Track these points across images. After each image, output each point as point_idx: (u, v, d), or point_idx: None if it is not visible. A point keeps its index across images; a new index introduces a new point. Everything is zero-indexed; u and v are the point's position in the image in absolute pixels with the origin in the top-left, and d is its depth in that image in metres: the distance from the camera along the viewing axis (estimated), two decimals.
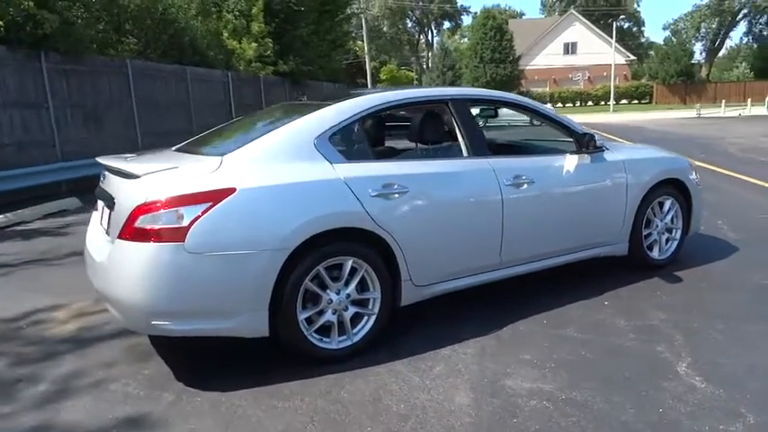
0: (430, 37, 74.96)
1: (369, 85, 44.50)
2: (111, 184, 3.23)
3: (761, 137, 16.89)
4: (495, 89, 5.74)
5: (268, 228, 2.94)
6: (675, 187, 4.62)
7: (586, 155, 4.10)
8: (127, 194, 2.98)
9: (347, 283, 3.21)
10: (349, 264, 3.18)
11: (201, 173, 2.96)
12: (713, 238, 5.50)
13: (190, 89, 14.82)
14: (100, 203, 3.55)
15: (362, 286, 3.27)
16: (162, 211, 2.81)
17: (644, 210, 4.42)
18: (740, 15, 49.43)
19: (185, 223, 2.79)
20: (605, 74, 50.12)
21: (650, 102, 45.49)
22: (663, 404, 2.71)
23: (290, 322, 3.05)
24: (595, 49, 52.05)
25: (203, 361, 3.33)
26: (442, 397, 2.84)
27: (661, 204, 4.59)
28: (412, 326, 3.63)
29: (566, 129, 4.22)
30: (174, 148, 3.78)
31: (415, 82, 70.64)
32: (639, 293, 4.14)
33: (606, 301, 4.02)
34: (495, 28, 45.79)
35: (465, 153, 3.72)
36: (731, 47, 53.18)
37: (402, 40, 73.07)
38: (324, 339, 3.20)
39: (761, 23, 51.17)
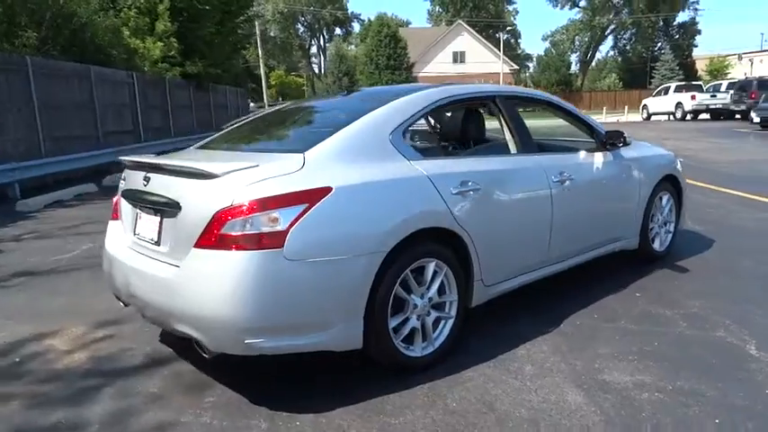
0: (322, 42, 74.88)
1: (264, 91, 43.56)
2: (168, 186, 2.81)
3: (662, 139, 18.47)
4: None
5: (365, 229, 2.70)
6: (671, 183, 4.89)
7: (609, 153, 4.23)
8: (202, 197, 2.61)
9: (429, 287, 3.04)
10: (432, 266, 3.01)
11: (286, 171, 2.65)
12: (686, 231, 5.88)
13: (95, 90, 13.63)
14: (130, 210, 3.10)
15: (440, 289, 3.11)
16: (255, 214, 2.49)
17: (650, 205, 4.62)
18: (608, 30, 54.19)
19: (283, 227, 2.49)
20: (492, 82, 52.84)
21: (533, 110, 48.35)
22: (765, 385, 2.80)
23: (382, 331, 2.83)
24: (483, 59, 54.62)
25: (268, 381, 3.00)
26: (553, 397, 2.76)
27: (660, 199, 4.82)
28: (470, 325, 3.50)
29: (590, 128, 4.32)
30: (210, 146, 3.40)
31: (305, 88, 70.36)
32: (662, 284, 4.30)
33: (637, 292, 4.14)
34: (390, 35, 46.67)
35: (515, 150, 3.68)
36: (600, 59, 58.23)
37: (293, 45, 72.36)
38: (409, 347, 3.00)
39: (624, 39, 56.49)
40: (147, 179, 2.95)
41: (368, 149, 2.93)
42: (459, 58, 55.22)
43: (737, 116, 24.32)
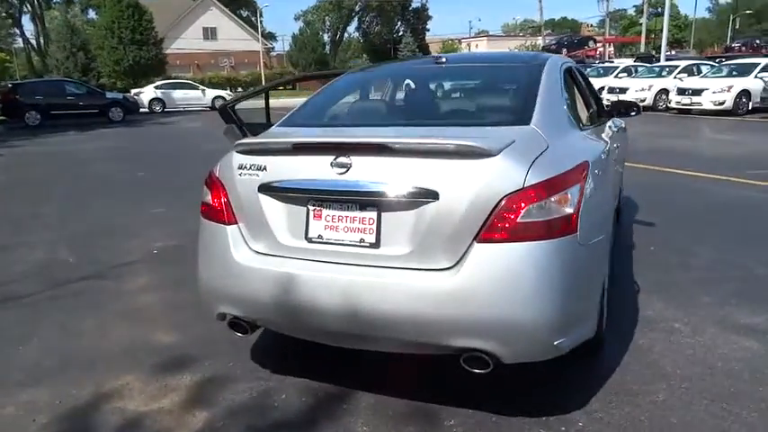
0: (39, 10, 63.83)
1: None
2: (396, 171, 2.25)
3: None
4: (140, 73, 5.92)
5: (607, 205, 2.57)
6: None
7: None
8: (475, 181, 2.16)
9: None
10: None
11: (544, 146, 2.35)
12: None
13: None
14: (284, 208, 2.43)
15: None
16: (550, 197, 2.18)
17: None
18: (355, 12, 56.86)
19: (572, 209, 2.23)
20: (247, 61, 51.54)
21: (294, 88, 48.72)
22: None
23: (602, 315, 2.73)
24: (236, 36, 52.90)
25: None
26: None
27: None
28: None
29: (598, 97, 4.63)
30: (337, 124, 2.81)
31: (10, 64, 59.34)
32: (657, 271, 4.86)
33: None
34: (133, 6, 42.00)
35: (595, 119, 3.73)
36: (346, 39, 60.80)
37: None
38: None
39: (367, 21, 59.93)
40: (344, 165, 2.30)
41: (561, 120, 2.76)
42: (210, 34, 52.58)
43: None
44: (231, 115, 4.21)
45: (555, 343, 2.22)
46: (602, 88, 18.94)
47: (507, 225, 2.13)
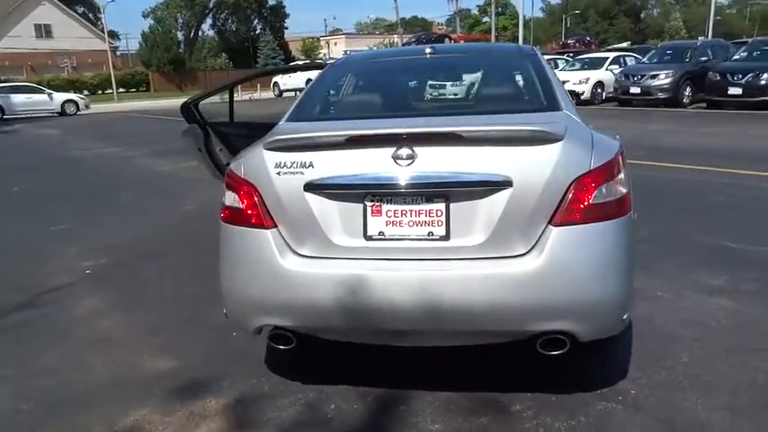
0: None
1: None
2: (465, 160, 2.20)
3: None
4: None
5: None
6: None
7: None
8: (546, 165, 2.18)
9: None
10: None
11: (588, 130, 2.44)
12: None
13: None
14: (335, 207, 2.31)
15: None
16: (615, 177, 2.27)
17: None
18: (209, 9, 54.44)
19: (626, 189, 2.34)
20: (90, 61, 47.40)
21: (148, 89, 45.74)
22: None
23: None
24: (75, 34, 48.45)
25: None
26: None
27: None
28: None
29: None
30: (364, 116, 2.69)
31: None
32: None
33: None
34: None
35: None
36: (202, 37, 58.08)
37: None
38: None
39: (222, 18, 57.84)
40: (408, 157, 2.21)
41: (574, 105, 2.86)
42: (43, 32, 47.63)
43: None
44: (194, 114, 3.85)
45: (623, 317, 2.32)
46: None
47: (581, 207, 2.19)
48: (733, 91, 13.72)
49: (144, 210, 6.70)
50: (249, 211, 2.41)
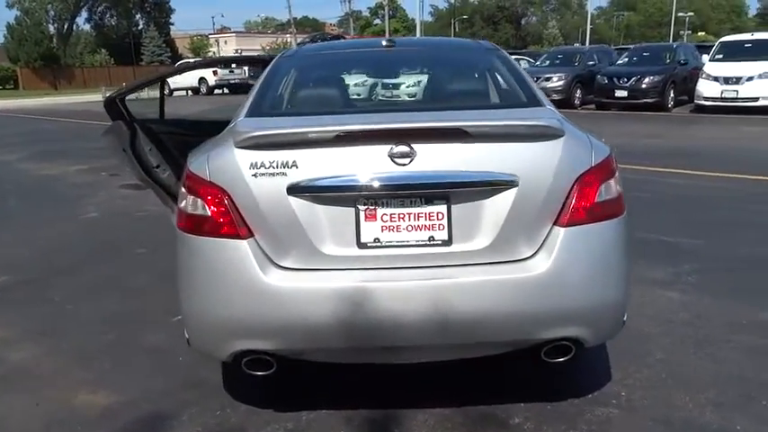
0: None
1: None
2: (470, 157, 2.03)
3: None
4: None
5: None
6: None
7: None
8: (550, 163, 2.06)
9: None
10: None
11: (574, 125, 2.35)
12: None
13: None
14: (323, 211, 2.05)
15: None
16: (615, 174, 2.20)
17: None
18: (84, 1, 50.50)
19: (621, 187, 2.27)
20: None
21: (17, 87, 41.65)
22: None
23: None
24: None
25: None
26: None
27: None
28: None
29: None
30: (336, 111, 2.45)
31: None
32: None
33: None
34: None
35: None
36: (77, 32, 53.72)
37: None
38: None
39: (99, 12, 53.95)
40: (406, 155, 2.00)
41: None
42: None
43: None
44: (120, 109, 3.37)
45: (624, 319, 2.26)
46: None
47: (587, 205, 2.09)
48: (619, 93, 14.70)
49: (41, 220, 5.92)
50: (219, 219, 2.08)
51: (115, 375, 2.79)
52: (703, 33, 62.65)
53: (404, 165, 2.01)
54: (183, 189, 2.19)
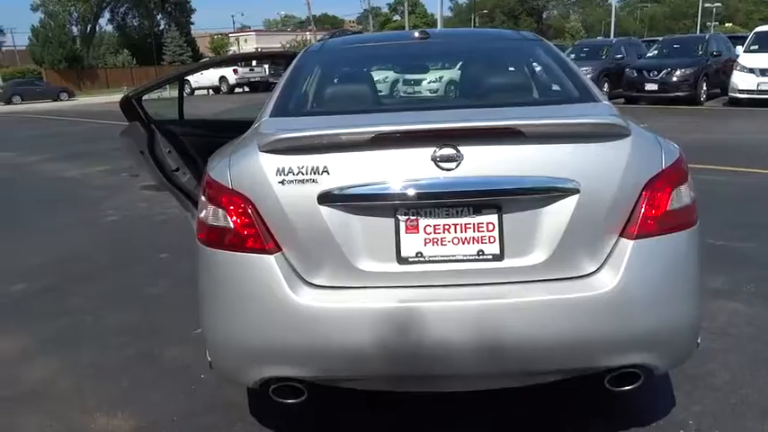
0: None
1: None
2: (525, 159, 1.79)
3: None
4: None
5: None
6: None
7: None
8: (616, 166, 1.81)
9: None
10: None
11: (637, 123, 2.10)
12: None
13: None
14: (360, 222, 1.83)
15: None
16: (688, 178, 1.94)
17: None
18: (107, 3, 50.97)
19: (694, 192, 2.01)
20: None
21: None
22: None
23: None
24: None
25: None
26: None
27: None
28: None
29: None
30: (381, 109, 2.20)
31: None
32: None
33: None
34: None
35: None
36: (101, 33, 54.25)
37: None
38: None
39: (121, 13, 54.40)
40: (452, 159, 1.77)
41: None
42: None
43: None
44: (137, 110, 3.19)
45: (698, 341, 2.00)
46: None
47: (657, 215, 1.84)
48: (650, 87, 14.26)
49: (60, 224, 5.80)
50: (243, 232, 1.87)
51: (135, 394, 2.61)
52: (731, 24, 61.28)
53: (449, 170, 1.78)
54: (203, 197, 1.99)
